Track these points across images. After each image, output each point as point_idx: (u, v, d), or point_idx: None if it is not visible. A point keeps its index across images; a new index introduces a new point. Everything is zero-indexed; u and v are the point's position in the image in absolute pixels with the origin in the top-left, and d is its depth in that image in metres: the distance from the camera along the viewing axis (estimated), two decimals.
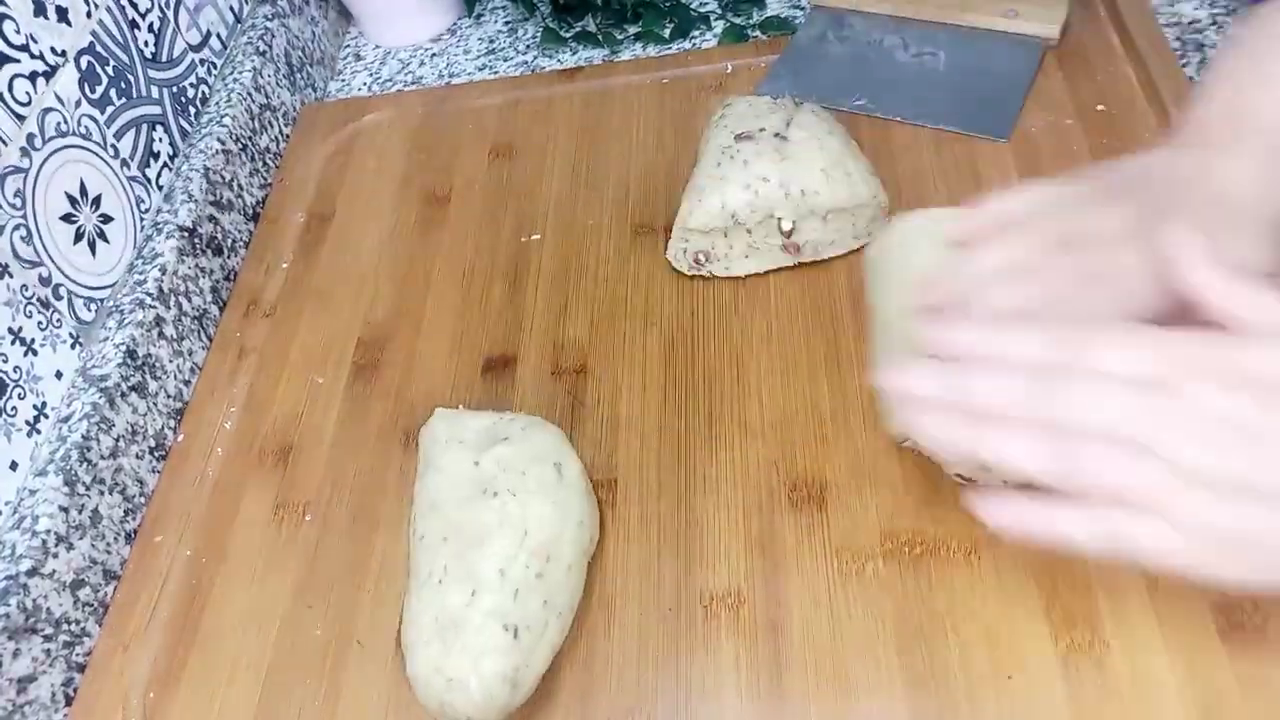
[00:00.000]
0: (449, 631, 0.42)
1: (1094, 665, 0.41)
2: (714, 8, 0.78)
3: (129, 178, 0.63)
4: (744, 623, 0.45)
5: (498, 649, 0.42)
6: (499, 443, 0.48)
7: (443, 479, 0.47)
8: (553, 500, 0.46)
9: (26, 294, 0.54)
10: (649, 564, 0.48)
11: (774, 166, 0.55)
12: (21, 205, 0.54)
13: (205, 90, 0.72)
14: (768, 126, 0.57)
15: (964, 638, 0.43)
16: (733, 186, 0.55)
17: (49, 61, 0.57)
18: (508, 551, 0.44)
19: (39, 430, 0.53)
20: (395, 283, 0.64)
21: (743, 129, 0.57)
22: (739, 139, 0.57)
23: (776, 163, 0.55)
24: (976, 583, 0.44)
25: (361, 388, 0.59)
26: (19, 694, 0.46)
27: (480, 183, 0.69)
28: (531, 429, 0.49)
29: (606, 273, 0.61)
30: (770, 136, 0.56)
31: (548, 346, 0.58)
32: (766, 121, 0.57)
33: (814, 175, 0.55)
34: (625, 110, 0.70)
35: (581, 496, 0.47)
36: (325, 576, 0.51)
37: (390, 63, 0.83)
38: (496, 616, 0.42)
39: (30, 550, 0.48)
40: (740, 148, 0.56)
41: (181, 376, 0.61)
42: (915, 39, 0.70)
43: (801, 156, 0.55)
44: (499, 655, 0.42)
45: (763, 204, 0.55)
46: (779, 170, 0.55)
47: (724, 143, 0.57)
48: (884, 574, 0.46)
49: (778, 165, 0.55)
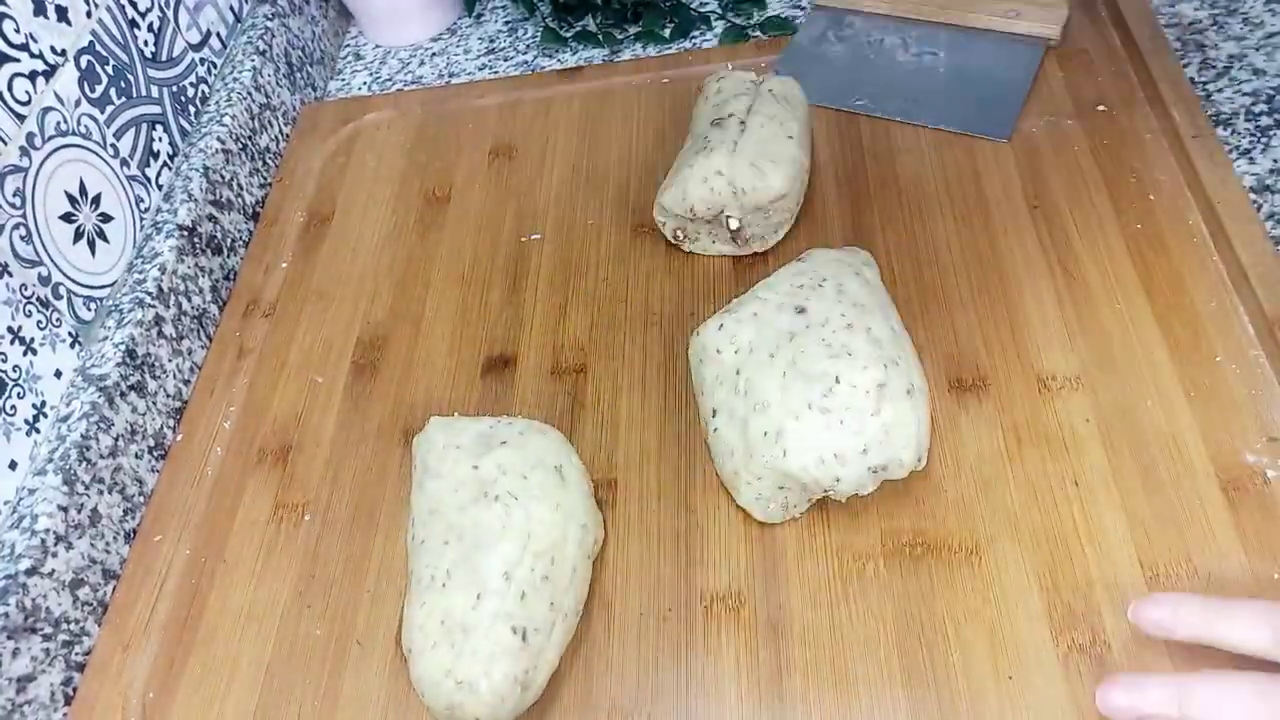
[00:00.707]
0: (456, 635, 0.42)
1: (1095, 666, 0.41)
2: (714, 8, 0.78)
3: (129, 177, 0.63)
4: (744, 623, 0.45)
5: (507, 651, 0.42)
6: (498, 447, 0.48)
7: (442, 484, 0.47)
8: (555, 503, 0.46)
9: (26, 293, 0.54)
10: (649, 564, 0.48)
11: (726, 160, 0.55)
12: (21, 204, 0.54)
13: (205, 90, 0.72)
14: (736, 111, 0.57)
15: (964, 638, 0.43)
16: (695, 179, 0.56)
17: (49, 61, 0.57)
18: (512, 554, 0.44)
19: (38, 429, 0.53)
20: (395, 282, 0.64)
21: (720, 114, 0.58)
22: (714, 124, 0.57)
23: (729, 155, 0.55)
24: (977, 583, 0.44)
25: (361, 387, 0.59)
26: (18, 693, 0.46)
27: (480, 182, 0.69)
28: (530, 433, 0.49)
29: (606, 272, 0.61)
30: (735, 124, 0.57)
31: (547, 346, 0.58)
32: (739, 105, 0.58)
33: (746, 170, 0.55)
34: (625, 110, 0.70)
35: (584, 499, 0.47)
36: (324, 576, 0.51)
37: (390, 62, 0.83)
38: (504, 619, 0.42)
39: (29, 549, 0.48)
40: (711, 135, 0.57)
41: (181, 376, 0.61)
42: (916, 39, 0.70)
43: (745, 149, 0.56)
44: (509, 658, 0.42)
45: (716, 200, 0.56)
46: (729, 164, 0.55)
47: (703, 129, 0.58)
48: (884, 574, 0.46)
49: (729, 158, 0.55)
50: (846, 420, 0.44)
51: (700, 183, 0.56)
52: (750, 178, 0.55)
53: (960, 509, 0.47)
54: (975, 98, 0.65)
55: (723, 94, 0.59)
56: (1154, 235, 0.55)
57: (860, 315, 0.47)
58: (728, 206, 0.56)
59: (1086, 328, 0.52)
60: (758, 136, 0.56)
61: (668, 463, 0.52)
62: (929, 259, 0.57)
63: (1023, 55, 0.66)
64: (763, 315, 0.49)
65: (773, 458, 0.45)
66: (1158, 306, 0.52)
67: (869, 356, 0.45)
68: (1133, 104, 0.61)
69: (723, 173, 0.55)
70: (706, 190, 0.55)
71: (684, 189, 0.56)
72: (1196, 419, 0.48)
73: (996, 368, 0.51)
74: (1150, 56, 0.62)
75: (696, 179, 0.56)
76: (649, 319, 0.58)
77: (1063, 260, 0.55)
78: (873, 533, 0.47)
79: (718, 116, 0.57)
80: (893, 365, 0.45)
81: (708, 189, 0.55)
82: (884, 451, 0.44)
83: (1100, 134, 0.60)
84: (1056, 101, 0.63)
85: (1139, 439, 0.48)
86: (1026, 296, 0.54)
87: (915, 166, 0.62)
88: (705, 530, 0.49)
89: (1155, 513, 0.45)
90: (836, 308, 0.47)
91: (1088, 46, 0.66)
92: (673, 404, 0.54)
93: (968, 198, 0.59)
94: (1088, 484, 0.47)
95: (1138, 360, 0.50)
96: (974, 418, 0.50)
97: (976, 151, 0.62)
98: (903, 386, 0.44)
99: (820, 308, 0.47)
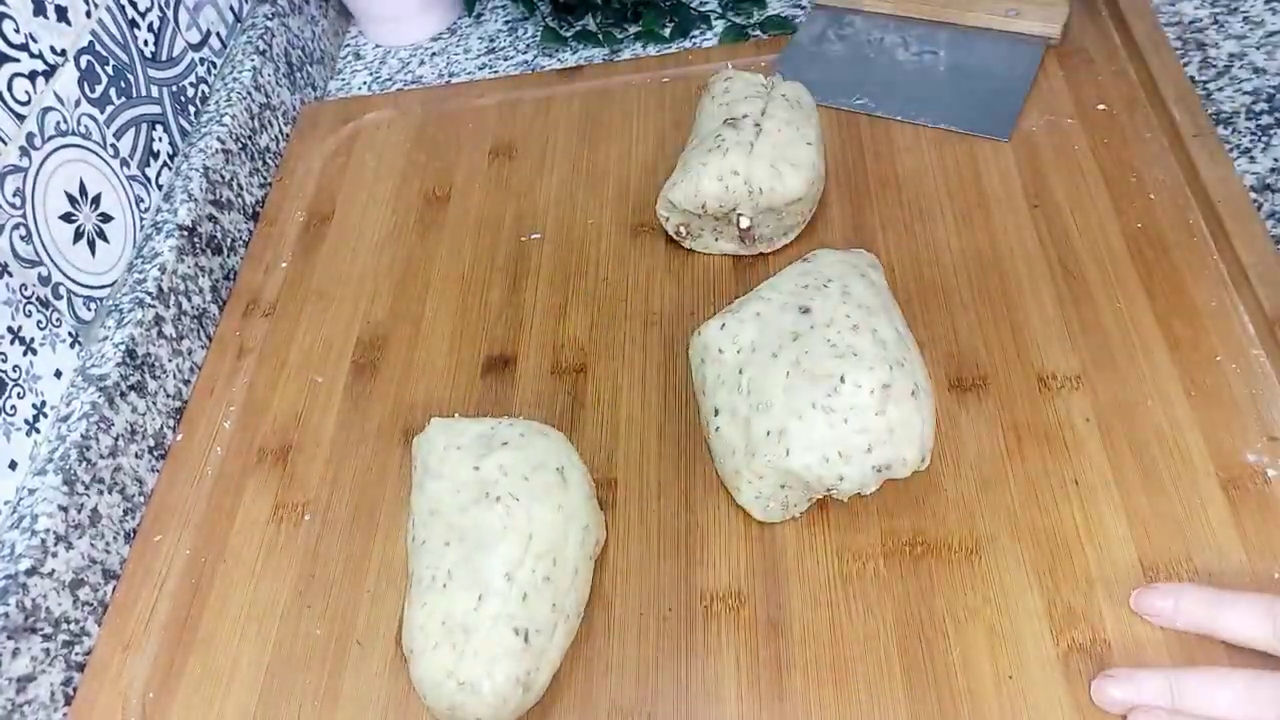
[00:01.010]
0: (458, 636, 0.42)
1: (1095, 665, 0.41)
2: (714, 7, 0.78)
3: (129, 177, 0.63)
4: (744, 623, 0.45)
5: (509, 653, 0.42)
6: (499, 448, 0.48)
7: (442, 485, 0.47)
8: (557, 504, 0.46)
9: (26, 293, 0.54)
10: (649, 564, 0.48)
11: (743, 159, 0.55)
12: (21, 204, 0.54)
13: (205, 89, 0.72)
14: (750, 113, 0.57)
15: (964, 637, 0.43)
16: (709, 176, 0.56)
17: (49, 61, 0.57)
18: (514, 555, 0.44)
19: (38, 429, 0.53)
20: (395, 282, 0.64)
21: (732, 114, 0.57)
22: (727, 124, 0.57)
23: (745, 155, 0.55)
24: (977, 582, 0.44)
25: (361, 387, 0.59)
26: (18, 693, 0.46)
27: (480, 182, 0.69)
28: (531, 434, 0.49)
29: (606, 272, 0.61)
30: (751, 125, 0.57)
31: (547, 346, 0.58)
32: (752, 106, 0.58)
33: (764, 171, 0.55)
34: (625, 110, 0.70)
35: (585, 500, 0.47)
36: (324, 576, 0.51)
37: (390, 62, 0.83)
38: (506, 620, 0.42)
39: (29, 549, 0.48)
40: (724, 134, 0.57)
41: (181, 376, 0.61)
42: (916, 38, 0.70)
43: (762, 150, 0.56)
44: (511, 659, 0.42)
45: (730, 199, 0.56)
46: (746, 164, 0.55)
47: (715, 127, 0.58)
48: (884, 574, 0.46)
49: (745, 158, 0.55)
50: (851, 419, 0.44)
51: (714, 179, 0.55)
52: (768, 178, 0.55)
53: (960, 508, 0.47)
54: (976, 97, 0.65)
55: (732, 94, 0.59)
56: (1154, 234, 0.55)
57: (866, 317, 0.47)
58: (741, 205, 0.56)
59: (1087, 327, 0.52)
60: (775, 139, 0.56)
61: (668, 462, 0.52)
62: (929, 258, 0.57)
63: (1023, 54, 0.66)
64: (766, 315, 0.49)
65: (775, 457, 0.45)
66: (1158, 305, 0.52)
67: (875, 357, 0.45)
68: (1133, 103, 0.61)
69: (739, 171, 0.55)
70: (720, 188, 0.55)
71: (697, 185, 0.56)
72: (1197, 418, 0.48)
73: (996, 367, 0.51)
74: (1150, 55, 0.62)
75: (710, 176, 0.56)
76: (649, 319, 0.58)
77: (1063, 259, 0.55)
78: (873, 532, 0.47)
79: (730, 116, 0.57)
80: (898, 366, 0.45)
81: (722, 186, 0.55)
82: (888, 450, 0.44)
83: (1100, 133, 0.60)
84: (1057, 100, 0.63)
85: (1139, 438, 0.48)
86: (1027, 296, 0.54)
87: (915, 165, 0.62)
88: (705, 530, 0.49)
89: (1155, 512, 0.45)
90: (842, 309, 0.47)
91: (1088, 45, 0.66)
92: (673, 404, 0.54)
93: (968, 197, 0.59)
94: (1088, 483, 0.47)
95: (1138, 359, 0.50)
96: (974, 417, 0.50)
97: (977, 150, 0.62)
98: (908, 387, 0.44)
99: (825, 308, 0.47)
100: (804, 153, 0.56)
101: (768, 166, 0.55)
